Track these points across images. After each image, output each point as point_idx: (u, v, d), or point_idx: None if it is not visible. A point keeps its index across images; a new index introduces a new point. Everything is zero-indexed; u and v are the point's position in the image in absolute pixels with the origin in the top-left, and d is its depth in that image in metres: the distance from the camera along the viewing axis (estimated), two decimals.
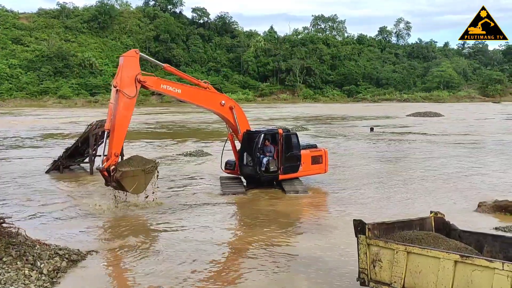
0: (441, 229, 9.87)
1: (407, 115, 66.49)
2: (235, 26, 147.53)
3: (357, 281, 9.09)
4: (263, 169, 18.75)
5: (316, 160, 20.20)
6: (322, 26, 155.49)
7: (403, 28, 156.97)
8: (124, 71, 15.85)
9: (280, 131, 19.30)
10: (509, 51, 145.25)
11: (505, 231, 13.91)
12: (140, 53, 16.50)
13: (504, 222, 15.03)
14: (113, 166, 15.12)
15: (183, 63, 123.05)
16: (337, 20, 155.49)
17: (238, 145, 19.69)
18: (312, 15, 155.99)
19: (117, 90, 15.51)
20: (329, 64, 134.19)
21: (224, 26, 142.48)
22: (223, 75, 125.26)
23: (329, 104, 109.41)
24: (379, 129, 46.96)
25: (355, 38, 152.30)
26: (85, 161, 25.01)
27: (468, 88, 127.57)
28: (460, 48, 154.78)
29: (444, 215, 10.18)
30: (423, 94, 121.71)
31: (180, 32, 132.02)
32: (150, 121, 59.40)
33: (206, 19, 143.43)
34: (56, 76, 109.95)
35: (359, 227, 9.01)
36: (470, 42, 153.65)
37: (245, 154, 19.22)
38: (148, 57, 17.53)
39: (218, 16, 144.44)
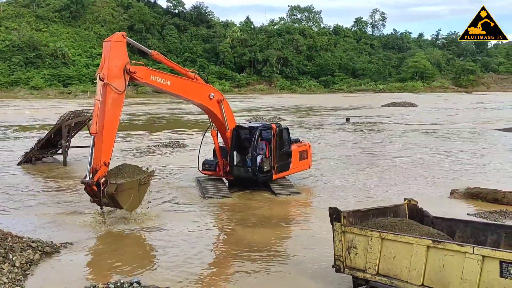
0: (414, 216, 10.06)
1: (382, 105, 67.18)
2: (211, 16, 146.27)
3: (332, 268, 9.19)
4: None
5: (302, 156, 18.84)
6: (299, 16, 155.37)
7: (378, 19, 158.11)
8: (112, 60, 13.20)
9: (274, 126, 17.57)
10: (481, 42, 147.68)
11: (476, 216, 14.25)
12: (127, 37, 14.04)
13: (476, 208, 15.40)
14: (104, 178, 12.76)
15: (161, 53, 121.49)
16: (313, 10, 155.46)
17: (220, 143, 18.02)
18: (289, 6, 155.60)
19: (104, 83, 12.91)
20: (306, 54, 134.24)
21: (199, 16, 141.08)
22: (199, 65, 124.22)
23: (305, 94, 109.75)
24: (355, 119, 47.36)
25: (331, 29, 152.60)
26: (58, 152, 24.62)
27: (441, 79, 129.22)
28: (434, 39, 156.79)
29: (417, 202, 10.36)
30: (398, 84, 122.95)
31: (155, 22, 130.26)
32: (126, 111, 58.69)
33: (181, 8, 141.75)
34: (27, 67, 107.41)
35: (334, 214, 9.10)
36: (444, 33, 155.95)
37: (235, 153, 17.28)
38: (135, 42, 15.04)
39: (193, 6, 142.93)
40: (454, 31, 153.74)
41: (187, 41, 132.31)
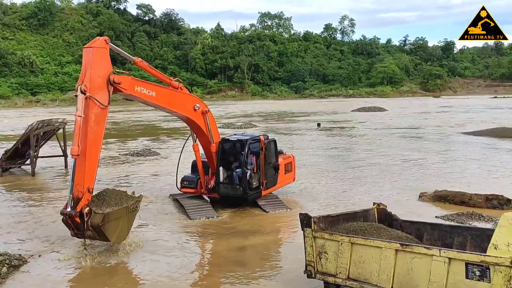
0: (383, 220, 10.24)
1: (352, 110, 68.00)
2: (182, 23, 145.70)
3: (304, 273, 9.26)
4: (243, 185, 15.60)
5: (287, 168, 17.78)
6: (269, 23, 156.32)
7: (348, 25, 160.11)
8: (94, 69, 11.60)
9: (262, 138, 16.32)
10: (447, 47, 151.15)
11: (444, 219, 14.57)
12: (110, 43, 12.36)
13: (443, 211, 15.74)
14: (87, 208, 11.14)
15: (129, 61, 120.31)
16: (284, 17, 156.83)
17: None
18: (259, 12, 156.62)
19: (86, 96, 11.30)
20: (277, 61, 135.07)
21: (170, 23, 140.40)
22: (170, 72, 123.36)
23: (277, 100, 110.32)
24: (326, 125, 47.81)
25: (301, 35, 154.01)
26: (26, 162, 24.14)
27: (410, 83, 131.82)
28: (401, 45, 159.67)
29: (386, 206, 10.55)
30: (368, 89, 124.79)
31: (124, 29, 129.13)
32: None
33: (151, 16, 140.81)
34: None
35: (305, 220, 9.19)
36: (411, 39, 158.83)
37: (221, 169, 15.84)
38: (118, 48, 13.49)
39: (163, 13, 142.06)
40: (421, 37, 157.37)
41: (158, 48, 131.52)
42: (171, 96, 14.21)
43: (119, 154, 29.27)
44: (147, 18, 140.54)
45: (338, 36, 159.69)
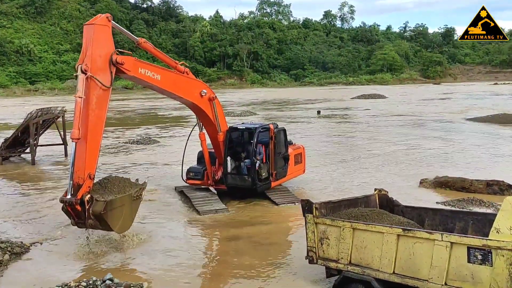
0: (385, 206, 10.22)
1: (352, 98, 67.84)
2: (180, 10, 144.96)
3: (305, 259, 9.26)
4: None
5: (297, 159, 17.12)
6: (268, 10, 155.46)
7: (347, 12, 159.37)
8: (96, 48, 10.92)
9: (271, 126, 15.65)
10: (448, 33, 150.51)
11: (445, 205, 14.59)
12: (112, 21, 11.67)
13: (444, 197, 15.77)
14: (89, 195, 10.59)
15: (127, 49, 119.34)
16: (283, 4, 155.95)
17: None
18: None
19: (87, 76, 10.67)
20: (276, 48, 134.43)
21: (168, 10, 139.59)
22: None
23: (276, 88, 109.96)
24: (326, 112, 47.72)
25: (300, 23, 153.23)
26: (26, 151, 24.13)
27: (410, 70, 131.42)
28: (402, 31, 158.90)
29: (387, 192, 10.53)
30: (368, 77, 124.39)
31: (123, 17, 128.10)
32: None
33: (149, 3, 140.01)
34: None
35: (307, 206, 9.18)
36: (411, 25, 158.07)
37: (229, 159, 15.26)
38: (120, 27, 12.66)
39: (162, 0, 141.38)
40: (422, 23, 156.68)
41: (156, 36, 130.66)
42: (177, 81, 13.46)
43: (119, 142, 29.23)
44: (145, 5, 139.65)
45: (338, 23, 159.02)
